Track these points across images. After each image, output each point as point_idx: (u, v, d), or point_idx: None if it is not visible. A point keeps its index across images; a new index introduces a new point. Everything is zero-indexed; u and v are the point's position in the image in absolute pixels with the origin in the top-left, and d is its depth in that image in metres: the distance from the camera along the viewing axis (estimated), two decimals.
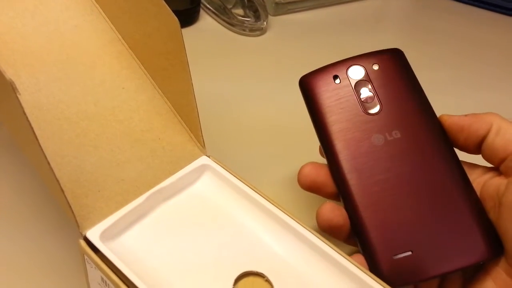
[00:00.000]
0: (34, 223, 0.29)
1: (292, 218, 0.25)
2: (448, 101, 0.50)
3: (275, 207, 0.25)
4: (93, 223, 0.23)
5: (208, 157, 0.27)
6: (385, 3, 0.65)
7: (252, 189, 0.26)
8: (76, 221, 0.22)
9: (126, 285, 0.21)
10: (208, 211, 0.26)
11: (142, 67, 0.29)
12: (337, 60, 0.29)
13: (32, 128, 0.19)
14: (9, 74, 0.18)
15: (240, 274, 0.23)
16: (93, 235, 0.22)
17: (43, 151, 0.19)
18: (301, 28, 0.57)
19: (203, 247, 0.24)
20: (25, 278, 0.26)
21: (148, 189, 0.25)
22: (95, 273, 0.22)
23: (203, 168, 0.27)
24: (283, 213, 0.25)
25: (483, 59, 0.56)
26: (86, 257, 0.22)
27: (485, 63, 0.55)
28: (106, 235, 0.22)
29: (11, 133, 0.25)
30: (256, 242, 0.25)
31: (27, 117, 0.18)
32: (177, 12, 0.25)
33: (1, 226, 0.29)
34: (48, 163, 0.20)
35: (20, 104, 0.18)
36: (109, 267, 0.21)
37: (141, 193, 0.24)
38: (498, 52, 0.57)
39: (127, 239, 0.24)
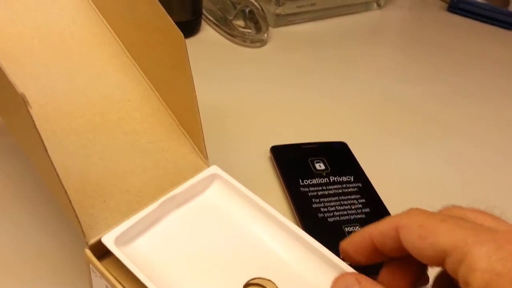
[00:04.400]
0: (38, 232, 0.30)
1: (299, 227, 0.25)
2: (448, 112, 0.51)
3: (282, 216, 0.25)
4: (99, 233, 0.23)
5: (213, 167, 0.28)
6: (383, 15, 0.66)
7: (259, 199, 0.26)
8: (83, 231, 0.22)
9: None
10: (217, 218, 0.26)
11: (147, 79, 0.30)
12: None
13: (42, 141, 0.19)
14: (19, 87, 0.18)
15: (249, 281, 0.24)
16: (107, 240, 0.23)
17: (52, 163, 0.20)
18: (301, 39, 0.58)
19: (213, 253, 0.25)
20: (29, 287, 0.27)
21: (151, 200, 0.25)
22: (100, 283, 0.22)
23: (213, 177, 0.28)
24: (290, 222, 0.25)
25: (482, 71, 0.57)
26: (91, 266, 0.22)
27: (484, 75, 0.56)
28: (118, 242, 0.23)
29: (19, 143, 0.26)
30: (264, 249, 0.25)
31: (37, 130, 0.19)
32: (179, 24, 0.26)
33: (6, 233, 0.29)
34: (57, 175, 0.20)
35: (31, 117, 0.19)
36: (114, 276, 0.22)
37: (145, 204, 0.25)
38: (497, 64, 0.58)
39: (139, 245, 0.24)
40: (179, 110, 0.29)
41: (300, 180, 0.37)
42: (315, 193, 0.36)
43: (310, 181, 0.37)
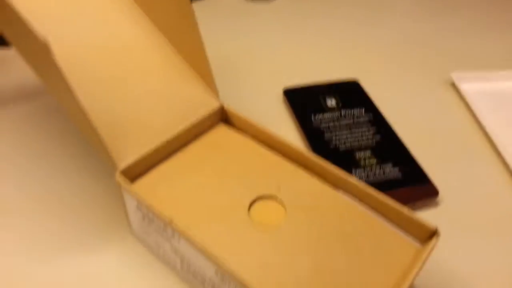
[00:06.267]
0: (77, 167, 0.34)
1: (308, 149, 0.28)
2: (462, 45, 0.52)
3: (294, 144, 0.28)
4: (125, 161, 0.27)
5: (223, 105, 0.31)
6: None
7: (271, 130, 0.29)
8: (112, 159, 0.26)
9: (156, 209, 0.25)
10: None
11: (158, 29, 0.33)
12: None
13: (69, 85, 0.23)
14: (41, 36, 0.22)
15: (254, 199, 0.27)
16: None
17: (81, 104, 0.23)
18: None
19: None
20: (75, 214, 0.31)
21: (168, 135, 0.29)
22: (132, 202, 0.26)
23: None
24: (302, 147, 0.28)
25: (492, 4, 0.56)
26: (122, 188, 0.26)
27: (497, 8, 0.56)
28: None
29: (52, 93, 0.29)
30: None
31: (64, 75, 0.22)
32: None
33: (49, 169, 0.34)
34: (87, 114, 0.24)
35: (56, 62, 0.22)
36: (141, 195, 0.25)
37: (162, 138, 0.28)
38: None
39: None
40: (189, 55, 0.32)
41: (313, 115, 0.40)
42: (327, 126, 0.39)
43: (322, 116, 0.40)
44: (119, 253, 0.29)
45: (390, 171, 0.34)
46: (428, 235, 0.25)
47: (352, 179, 0.27)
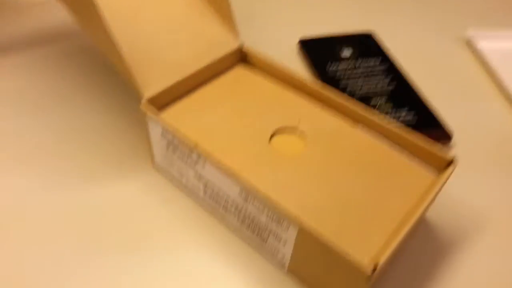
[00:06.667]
0: (102, 106, 0.35)
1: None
2: (488, 3, 0.51)
3: (309, 80, 0.29)
4: (151, 91, 0.27)
5: (243, 44, 0.32)
6: None
7: (289, 68, 0.30)
8: (138, 89, 0.27)
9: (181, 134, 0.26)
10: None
11: None
12: None
13: (103, 20, 0.23)
14: None
15: (274, 131, 0.28)
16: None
17: (112, 37, 0.24)
18: None
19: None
20: (100, 149, 0.32)
21: (190, 70, 0.29)
22: (156, 130, 0.27)
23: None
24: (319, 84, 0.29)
25: None
26: (148, 117, 0.27)
27: None
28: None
29: (85, 27, 0.30)
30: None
31: (98, 10, 0.23)
32: None
33: (76, 107, 0.35)
34: (117, 46, 0.24)
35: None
36: (167, 122, 0.26)
37: (184, 73, 0.29)
38: None
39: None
40: None
41: (328, 65, 0.40)
42: (343, 74, 0.39)
43: (338, 66, 0.40)
44: (141, 184, 0.30)
45: (406, 115, 0.35)
46: (445, 164, 0.26)
47: (371, 114, 0.27)
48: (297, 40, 0.44)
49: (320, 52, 0.42)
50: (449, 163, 0.25)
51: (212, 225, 0.28)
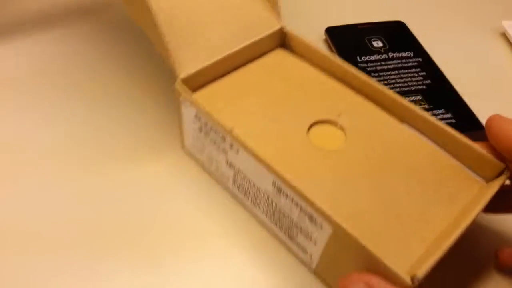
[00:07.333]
0: (134, 90, 0.34)
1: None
2: None
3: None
4: (187, 70, 0.26)
5: (285, 27, 0.30)
6: None
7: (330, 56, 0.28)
8: (174, 67, 0.25)
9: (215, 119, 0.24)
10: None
11: None
12: None
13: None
14: None
15: (313, 122, 0.26)
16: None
17: (154, 14, 0.23)
18: None
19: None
20: (130, 132, 0.31)
21: (229, 50, 0.28)
22: (190, 112, 0.26)
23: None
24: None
25: None
26: (181, 98, 0.26)
27: None
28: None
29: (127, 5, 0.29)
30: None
31: None
32: None
33: (110, 94, 0.34)
34: (157, 22, 0.23)
35: None
36: (200, 103, 0.25)
37: (222, 53, 0.27)
38: None
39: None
40: None
41: (358, 57, 0.38)
42: (374, 68, 0.37)
43: (368, 58, 0.38)
44: (170, 167, 0.29)
45: (443, 117, 0.33)
46: (497, 172, 0.24)
47: (420, 111, 0.25)
48: (322, 28, 0.42)
49: (348, 42, 0.39)
50: (501, 172, 0.23)
51: (238, 212, 0.27)
